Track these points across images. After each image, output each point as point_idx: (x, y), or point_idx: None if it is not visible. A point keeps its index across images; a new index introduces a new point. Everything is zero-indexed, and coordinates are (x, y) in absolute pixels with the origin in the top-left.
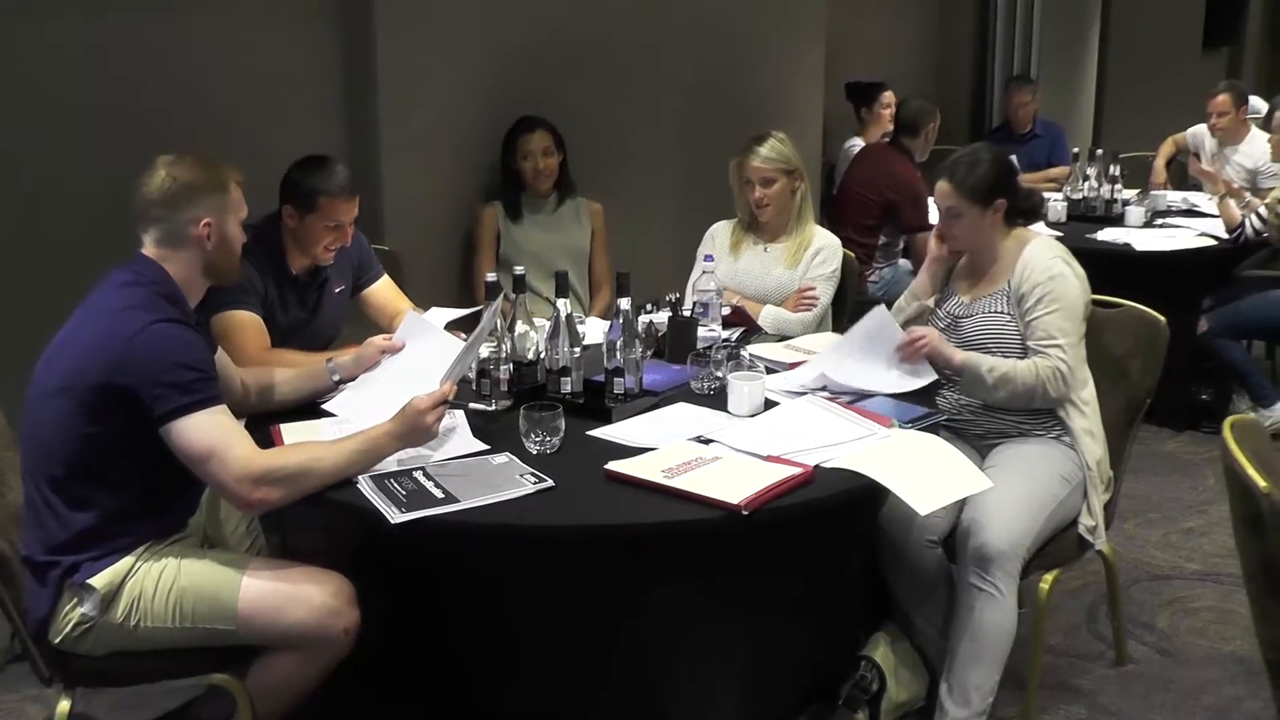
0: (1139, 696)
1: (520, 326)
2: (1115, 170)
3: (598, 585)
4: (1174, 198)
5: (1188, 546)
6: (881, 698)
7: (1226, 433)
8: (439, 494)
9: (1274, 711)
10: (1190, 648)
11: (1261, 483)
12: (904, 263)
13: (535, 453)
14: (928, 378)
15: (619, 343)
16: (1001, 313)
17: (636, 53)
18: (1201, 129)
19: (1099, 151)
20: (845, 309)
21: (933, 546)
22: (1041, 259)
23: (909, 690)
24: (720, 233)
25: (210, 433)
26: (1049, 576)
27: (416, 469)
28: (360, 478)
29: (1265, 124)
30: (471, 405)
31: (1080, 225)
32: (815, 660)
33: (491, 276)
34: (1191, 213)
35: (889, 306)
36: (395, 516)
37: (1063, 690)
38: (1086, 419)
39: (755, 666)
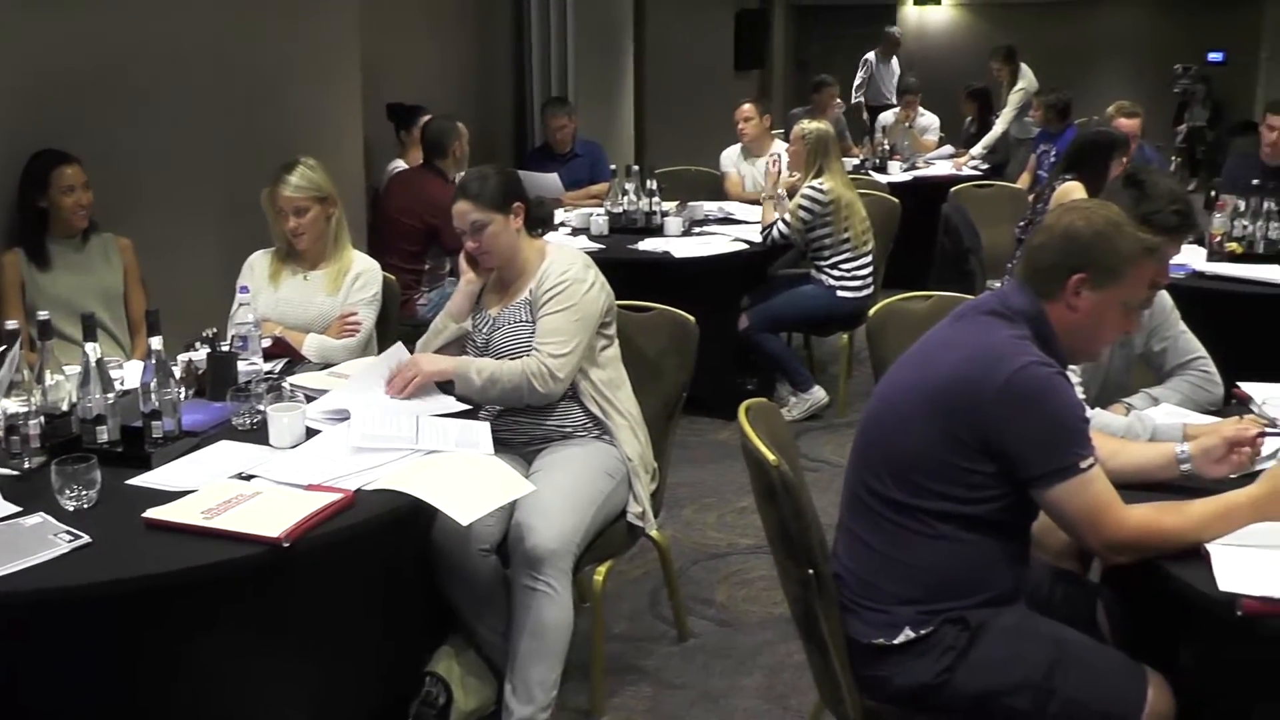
0: (701, 666)
1: (50, 377)
2: (652, 184)
3: (146, 638)
4: (710, 207)
5: (742, 524)
6: (450, 710)
7: (741, 416)
8: None
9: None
10: (746, 615)
11: (771, 457)
12: (452, 282)
13: (72, 509)
14: (447, 405)
15: (153, 384)
16: (523, 320)
17: (163, 82)
18: (725, 156)
19: (635, 167)
20: (389, 333)
21: (486, 555)
22: (559, 265)
23: (478, 698)
24: (259, 263)
25: None
26: (602, 568)
27: None
28: None
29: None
30: (1, 470)
31: (622, 237)
32: (382, 683)
33: (12, 324)
34: (727, 220)
35: None
36: None
37: (630, 672)
38: (625, 416)
39: (321, 698)
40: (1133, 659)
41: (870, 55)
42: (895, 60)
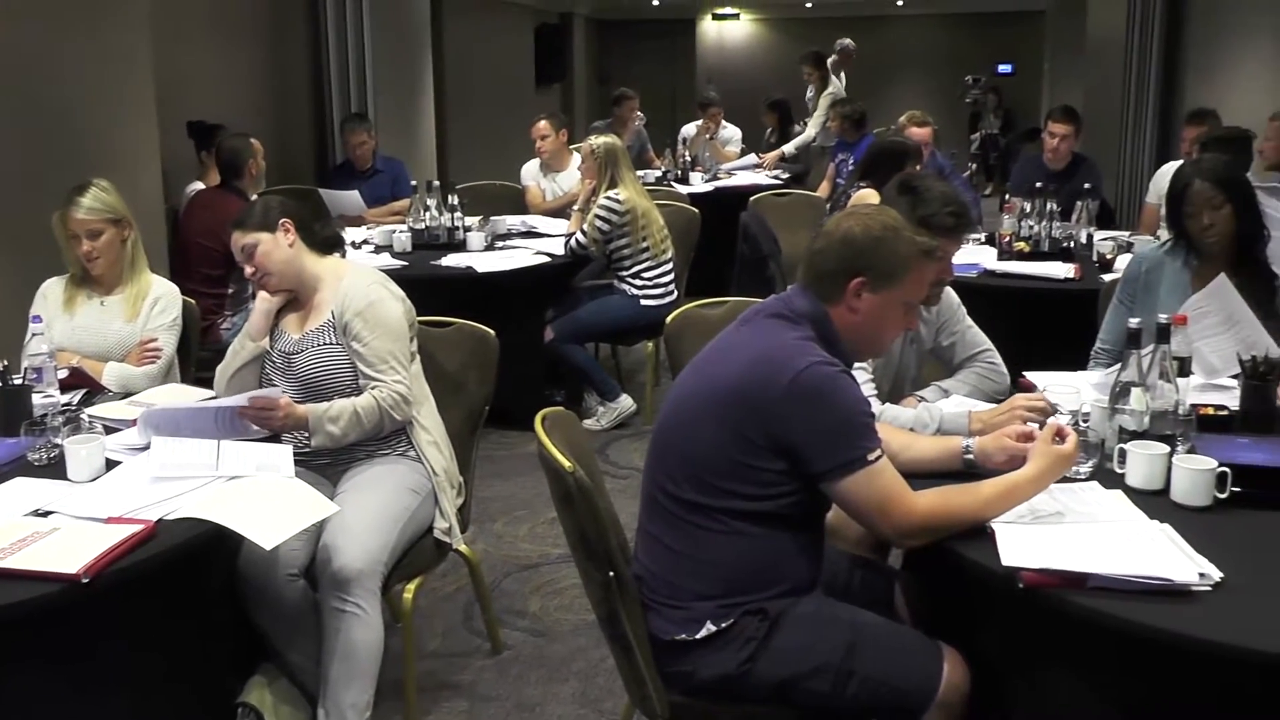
0: (515, 677)
1: None
2: (454, 200)
3: None
4: (513, 221)
5: (553, 534)
6: None
7: (538, 426)
8: None
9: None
10: (560, 624)
11: (566, 463)
12: None
13: None
14: (259, 433)
15: None
16: (330, 343)
17: None
18: (525, 170)
19: (436, 183)
20: (191, 358)
21: (294, 579)
22: (359, 286)
23: None
24: (53, 290)
25: None
26: (412, 585)
27: None
28: None
29: None
30: None
31: (426, 253)
32: (192, 717)
33: None
34: (530, 234)
35: None
36: None
37: (444, 689)
38: (429, 431)
39: None
40: (932, 637)
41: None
42: (843, 75)
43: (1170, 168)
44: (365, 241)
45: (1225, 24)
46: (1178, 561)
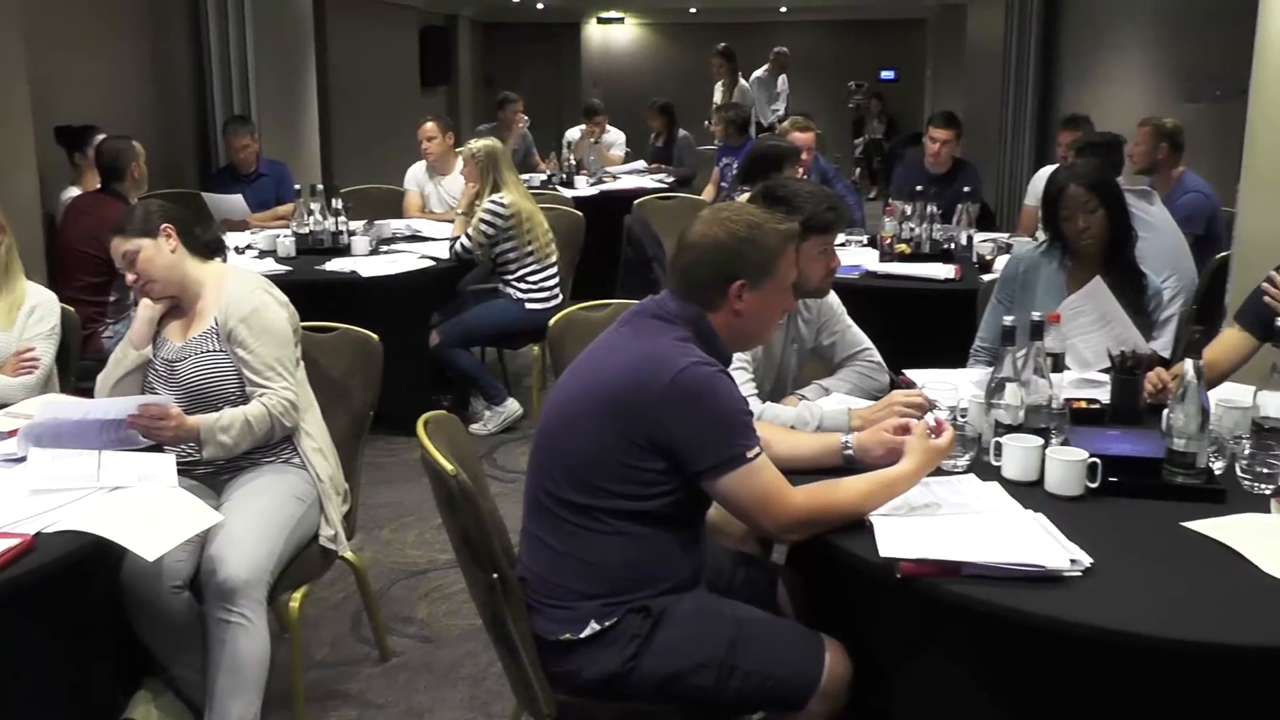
0: (404, 684)
1: None
2: (339, 204)
3: None
4: (398, 225)
5: (440, 540)
6: None
7: (420, 430)
8: None
9: None
10: (448, 629)
11: (449, 466)
12: None
13: None
14: (142, 443)
15: None
16: (214, 350)
17: None
18: (410, 174)
19: (320, 187)
20: (71, 367)
21: (179, 591)
22: (243, 292)
23: None
24: None
25: None
26: (298, 594)
27: None
28: None
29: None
30: None
31: (310, 258)
32: None
33: None
34: (415, 238)
35: None
36: None
37: (333, 698)
38: (313, 438)
39: None
40: (816, 630)
41: (760, 73)
42: (784, 78)
43: (1047, 171)
44: (249, 246)
45: (1099, 34)
46: (1050, 548)
